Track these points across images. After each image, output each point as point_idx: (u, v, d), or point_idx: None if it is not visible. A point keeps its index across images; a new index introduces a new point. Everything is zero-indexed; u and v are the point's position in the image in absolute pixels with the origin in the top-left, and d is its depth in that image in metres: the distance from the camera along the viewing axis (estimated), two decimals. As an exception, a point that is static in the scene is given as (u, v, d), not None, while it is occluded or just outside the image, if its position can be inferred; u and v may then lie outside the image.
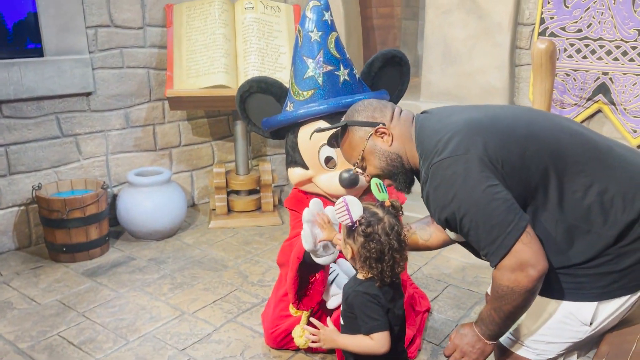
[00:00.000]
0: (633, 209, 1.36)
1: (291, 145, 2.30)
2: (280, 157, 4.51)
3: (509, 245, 1.31)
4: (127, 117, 3.75)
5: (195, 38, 3.61)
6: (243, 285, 3.05)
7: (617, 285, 1.38)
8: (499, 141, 1.40)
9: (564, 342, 1.47)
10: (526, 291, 1.32)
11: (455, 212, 1.37)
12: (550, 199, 1.38)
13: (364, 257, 1.63)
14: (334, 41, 2.22)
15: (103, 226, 3.39)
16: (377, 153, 1.62)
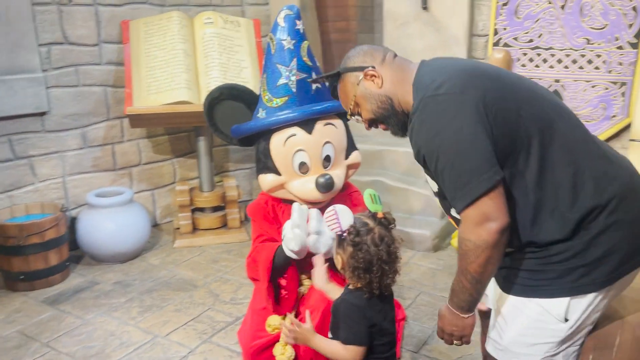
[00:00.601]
0: (601, 197, 1.38)
1: (263, 152, 2.30)
2: (243, 172, 4.47)
3: (477, 194, 1.31)
4: (84, 136, 3.62)
5: (154, 54, 3.55)
6: (215, 305, 2.98)
7: (586, 280, 1.40)
8: (500, 91, 1.40)
9: (545, 342, 1.47)
10: (487, 246, 1.32)
11: (436, 149, 1.36)
12: (529, 167, 1.38)
13: (352, 267, 1.62)
14: (306, 49, 2.24)
15: (63, 251, 3.24)
16: (368, 96, 1.59)
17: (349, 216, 1.77)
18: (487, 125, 1.34)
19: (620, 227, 1.38)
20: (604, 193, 1.38)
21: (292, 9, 2.24)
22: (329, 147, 2.32)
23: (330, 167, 2.35)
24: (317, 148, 2.28)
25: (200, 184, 3.91)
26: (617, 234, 1.38)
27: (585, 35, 3.28)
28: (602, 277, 1.39)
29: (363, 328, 1.61)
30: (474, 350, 2.55)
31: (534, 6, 3.39)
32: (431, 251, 3.59)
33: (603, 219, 1.38)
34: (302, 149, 2.26)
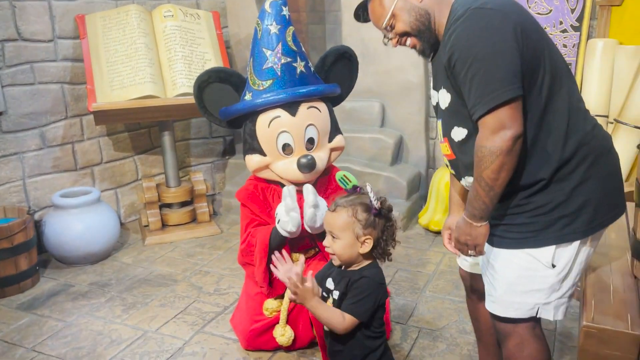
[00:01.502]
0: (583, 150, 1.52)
1: (249, 133, 2.38)
2: (204, 167, 4.44)
3: (499, 101, 1.42)
4: (42, 136, 3.49)
5: (114, 48, 3.46)
6: (200, 297, 2.98)
7: (568, 230, 1.55)
8: (534, 27, 1.52)
9: (536, 289, 1.60)
10: (501, 152, 1.44)
11: (472, 55, 1.44)
12: (536, 105, 1.51)
13: (388, 239, 1.67)
14: (292, 35, 2.31)
15: (32, 255, 3.12)
16: (408, 9, 1.61)
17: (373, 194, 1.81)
18: (520, 46, 1.45)
19: (595, 181, 1.54)
20: (585, 146, 1.54)
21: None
22: (312, 130, 2.40)
23: (314, 149, 2.44)
24: (300, 130, 2.36)
25: (166, 179, 3.87)
26: (592, 188, 1.54)
27: (532, 20, 3.52)
28: (583, 227, 1.55)
29: (371, 306, 1.64)
30: (458, 317, 2.71)
31: (484, -6, 3.60)
32: (400, 231, 3.74)
33: (582, 172, 1.53)
34: (286, 130, 2.34)
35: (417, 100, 3.96)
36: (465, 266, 1.99)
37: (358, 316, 1.63)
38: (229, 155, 4.50)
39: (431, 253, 3.46)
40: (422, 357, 2.41)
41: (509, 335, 1.69)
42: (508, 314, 1.65)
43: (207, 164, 4.46)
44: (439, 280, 3.10)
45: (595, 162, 1.55)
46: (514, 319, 1.65)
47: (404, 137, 4.07)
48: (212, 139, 4.45)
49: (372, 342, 1.69)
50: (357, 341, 1.69)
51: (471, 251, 1.62)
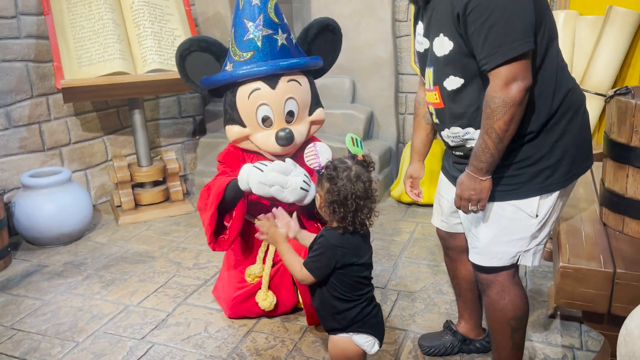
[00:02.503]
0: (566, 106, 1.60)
1: (229, 104, 2.37)
2: (174, 147, 4.41)
3: (517, 53, 1.44)
4: (8, 116, 3.39)
5: (80, 24, 3.39)
6: (180, 271, 2.98)
7: (551, 180, 1.64)
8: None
9: (519, 237, 1.69)
10: (514, 102, 1.48)
11: (492, 3, 1.44)
12: (536, 58, 1.55)
13: (328, 202, 1.66)
14: (274, 7, 2.30)
15: (3, 236, 3.05)
16: None
17: (328, 153, 1.82)
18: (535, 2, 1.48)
19: (572, 135, 1.64)
20: (567, 102, 1.62)
21: None
22: (292, 103, 2.40)
23: (294, 122, 2.45)
24: (279, 103, 2.36)
25: (137, 158, 3.82)
26: (570, 140, 1.63)
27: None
28: (562, 178, 1.65)
29: (324, 265, 1.68)
30: (434, 279, 2.81)
31: (450, -31, 3.68)
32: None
33: (563, 125, 1.62)
34: (265, 103, 2.34)
35: (386, 76, 4.03)
36: (443, 227, 2.07)
37: (310, 271, 1.68)
38: (200, 135, 4.47)
39: (404, 223, 3.55)
40: (403, 317, 2.49)
41: (490, 284, 1.78)
42: (492, 263, 1.73)
43: (177, 144, 4.42)
44: (413, 247, 3.19)
45: (573, 117, 1.63)
46: (496, 267, 1.74)
47: (375, 113, 4.13)
48: (181, 119, 4.42)
49: (340, 304, 1.71)
50: (325, 300, 1.74)
51: (473, 207, 1.65)
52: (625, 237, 1.75)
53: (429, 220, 3.57)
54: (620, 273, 1.54)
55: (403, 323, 2.44)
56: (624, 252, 1.64)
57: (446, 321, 2.26)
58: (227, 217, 2.38)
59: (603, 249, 1.67)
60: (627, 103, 1.66)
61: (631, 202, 1.71)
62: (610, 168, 1.77)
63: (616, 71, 3.02)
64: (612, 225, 1.80)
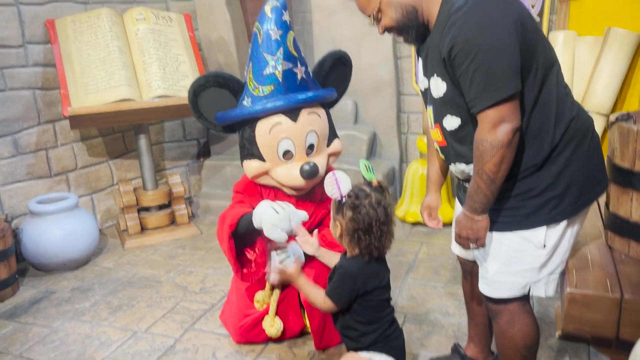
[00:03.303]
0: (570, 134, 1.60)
1: (248, 139, 2.34)
2: (179, 170, 4.44)
3: (502, 96, 1.45)
4: (15, 143, 3.43)
5: (87, 53, 3.44)
6: (186, 296, 2.99)
7: (557, 211, 1.63)
8: (530, 22, 1.55)
9: (527, 268, 1.69)
10: (502, 145, 1.49)
11: (476, 46, 1.44)
12: (529, 96, 1.56)
13: (352, 230, 1.68)
14: (292, 40, 2.30)
15: (12, 263, 3.07)
16: (394, 4, 1.61)
17: (348, 182, 1.84)
18: (521, 41, 1.48)
19: (579, 163, 1.63)
20: (571, 130, 1.61)
21: (279, 0, 2.29)
22: (313, 136, 2.39)
23: (313, 154, 2.45)
24: (301, 136, 2.34)
25: (143, 182, 3.85)
26: (577, 169, 1.62)
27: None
28: (570, 207, 1.64)
29: (348, 294, 1.72)
30: (441, 301, 2.81)
31: (449, -8, 3.73)
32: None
33: (568, 154, 1.61)
34: (287, 136, 2.31)
35: (388, 96, 4.07)
36: (462, 254, 2.05)
37: (334, 301, 1.73)
38: (204, 158, 4.51)
39: (409, 243, 3.56)
40: (411, 340, 2.49)
41: (500, 312, 1.77)
42: (502, 294, 1.72)
43: (182, 166, 4.46)
44: (419, 268, 3.20)
45: (579, 144, 1.62)
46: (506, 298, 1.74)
47: (377, 133, 4.17)
48: (186, 141, 4.46)
49: (363, 327, 1.76)
50: (347, 324, 1.79)
51: (472, 244, 1.66)
52: (631, 261, 1.76)
53: (433, 240, 3.59)
54: (628, 299, 1.55)
55: (411, 347, 2.44)
56: (630, 277, 1.65)
57: (454, 344, 2.26)
58: (249, 249, 2.38)
59: (610, 273, 1.69)
60: (629, 129, 1.68)
61: (636, 226, 1.72)
62: (614, 192, 1.79)
63: (616, 91, 3.05)
64: (618, 248, 1.82)
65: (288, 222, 2.06)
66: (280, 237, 2.07)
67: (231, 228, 2.25)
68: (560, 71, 1.67)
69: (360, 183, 1.79)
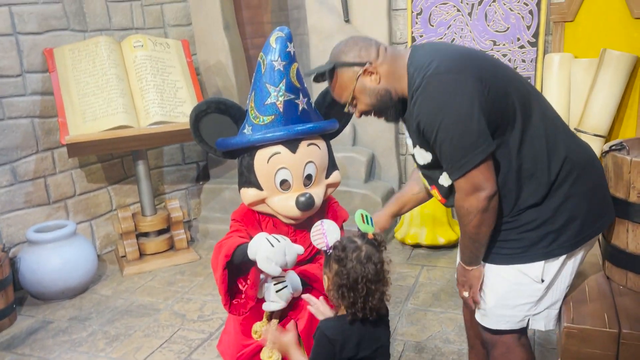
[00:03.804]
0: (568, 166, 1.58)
1: (246, 167, 2.35)
2: (179, 194, 4.44)
3: (470, 166, 1.48)
4: (14, 172, 3.44)
5: (85, 81, 3.46)
6: (184, 324, 2.97)
7: (556, 245, 1.61)
8: (491, 70, 1.55)
9: (524, 302, 1.67)
10: (478, 211, 1.52)
11: (437, 124, 1.48)
12: (513, 138, 1.56)
13: (337, 285, 1.54)
14: (296, 71, 2.30)
15: (9, 293, 3.06)
16: (367, 91, 1.64)
17: (336, 232, 1.72)
18: (482, 101, 1.49)
19: (580, 196, 1.61)
20: (569, 162, 1.60)
21: (283, 30, 2.29)
22: (311, 167, 2.39)
23: (311, 185, 2.45)
24: (299, 167, 2.31)
25: (141, 208, 3.85)
26: (577, 203, 1.60)
27: (492, 37, 3.69)
28: (569, 241, 1.62)
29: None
30: (441, 328, 2.78)
31: (445, 14, 3.75)
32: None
33: (566, 188, 1.59)
34: (285, 167, 2.29)
35: (386, 118, 4.07)
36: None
37: None
38: (204, 181, 4.51)
39: (409, 266, 3.54)
40: (410, 369, 2.46)
41: (495, 344, 1.76)
42: (499, 326, 1.71)
43: (181, 190, 4.46)
44: (419, 292, 3.17)
45: (579, 178, 1.60)
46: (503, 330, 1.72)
47: (376, 155, 4.16)
48: (185, 165, 4.46)
49: None
50: None
51: (466, 292, 1.70)
52: (629, 292, 1.74)
53: (434, 263, 3.57)
54: (626, 333, 1.53)
55: (410, 376, 2.41)
56: (628, 310, 1.63)
57: (454, 374, 2.23)
58: (242, 280, 2.36)
59: (607, 306, 1.66)
60: (622, 159, 1.67)
61: (632, 257, 1.70)
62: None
63: (613, 112, 3.04)
64: (616, 279, 1.80)
65: (283, 256, 2.04)
66: (274, 271, 2.04)
67: (226, 258, 2.24)
68: (543, 101, 1.66)
69: (354, 234, 1.65)
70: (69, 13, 3.64)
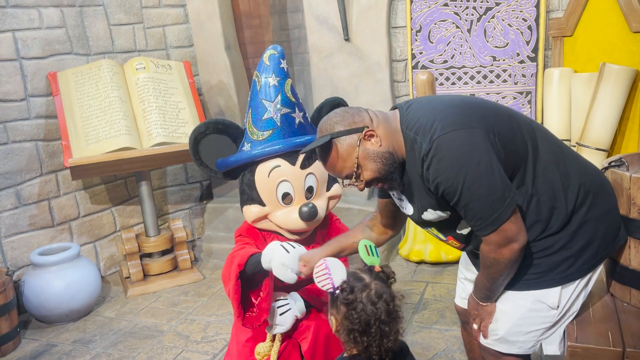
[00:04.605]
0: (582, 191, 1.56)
1: (247, 184, 2.37)
2: (182, 213, 4.45)
3: (503, 220, 1.44)
4: (18, 195, 3.46)
5: (88, 103, 3.50)
6: (188, 346, 2.96)
7: (573, 269, 1.59)
8: (492, 116, 1.52)
9: (537, 328, 1.65)
10: (510, 262, 1.51)
11: (459, 185, 1.42)
12: (527, 174, 1.54)
13: (347, 329, 1.45)
14: (290, 86, 2.35)
15: (13, 317, 3.06)
16: (371, 156, 1.56)
17: (342, 270, 1.61)
18: (497, 150, 1.46)
19: (595, 220, 1.59)
20: (583, 188, 1.58)
21: (276, 48, 2.35)
22: (312, 178, 2.40)
23: (313, 197, 2.46)
24: (300, 179, 2.34)
25: (145, 229, 3.86)
26: (594, 226, 1.59)
27: (491, 53, 3.71)
28: (586, 265, 1.60)
29: None
30: (446, 346, 2.76)
31: (444, 31, 3.78)
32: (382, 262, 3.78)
33: (584, 213, 1.58)
34: (286, 179, 2.32)
35: (388, 134, 4.07)
36: (462, 303, 2.00)
37: None
38: (207, 200, 4.52)
39: (414, 283, 3.51)
40: (415, 389, 2.43)
41: None
42: (510, 351, 1.69)
43: (185, 210, 4.47)
44: (424, 310, 3.14)
45: (594, 202, 1.59)
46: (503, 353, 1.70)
47: (378, 171, 4.16)
48: (188, 185, 4.48)
49: None
50: None
51: (475, 325, 1.70)
52: (633, 309, 1.72)
53: (438, 279, 3.54)
54: (630, 352, 1.51)
55: (415, 397, 2.37)
56: (632, 328, 1.61)
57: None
58: (255, 293, 2.36)
59: (612, 325, 1.64)
60: (622, 176, 1.66)
61: (635, 274, 1.69)
62: (612, 239, 1.75)
63: (615, 126, 3.04)
64: (619, 296, 1.78)
65: (298, 263, 2.04)
66: (290, 278, 2.01)
67: (239, 268, 2.23)
68: (545, 131, 1.65)
69: (360, 269, 1.57)
70: (72, 37, 3.69)
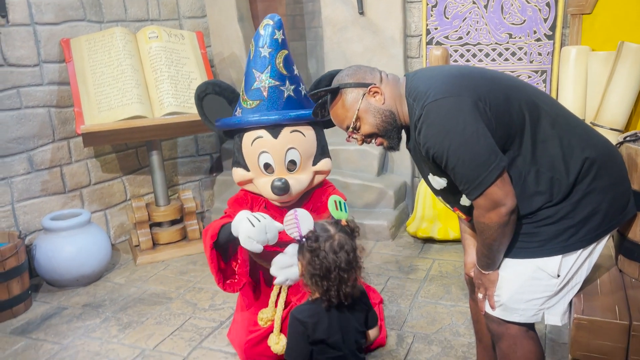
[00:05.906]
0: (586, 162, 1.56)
1: (237, 148, 2.48)
2: (192, 185, 4.47)
3: (487, 184, 1.48)
4: (30, 160, 3.49)
5: (101, 71, 3.50)
6: (196, 313, 3.00)
7: (575, 239, 1.60)
8: (488, 86, 1.57)
9: (539, 297, 1.66)
10: (499, 226, 1.53)
11: (445, 149, 1.50)
12: (524, 145, 1.57)
13: (310, 274, 1.60)
14: (283, 58, 2.35)
15: (24, 279, 3.11)
16: (372, 111, 1.65)
17: (310, 221, 1.74)
18: (486, 118, 1.51)
19: (600, 191, 1.58)
20: (588, 160, 1.57)
21: (273, 18, 2.35)
22: (294, 152, 2.45)
23: (296, 170, 2.48)
24: (280, 152, 2.42)
25: (155, 198, 3.88)
26: (599, 197, 1.58)
27: (508, 30, 3.65)
28: (588, 235, 1.60)
29: (300, 346, 1.62)
30: (451, 320, 2.78)
31: (460, 7, 3.72)
32: (390, 240, 3.81)
33: (587, 183, 1.58)
34: (266, 151, 2.41)
35: (400, 111, 4.05)
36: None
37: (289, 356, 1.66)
38: (217, 172, 4.53)
39: (420, 260, 3.53)
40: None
41: (502, 336, 1.74)
42: (512, 318, 1.70)
43: (194, 181, 4.49)
44: (430, 285, 3.16)
45: (599, 173, 1.58)
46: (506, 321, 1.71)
47: (389, 148, 4.15)
48: (199, 157, 4.49)
49: None
50: None
51: (481, 293, 1.73)
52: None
53: (445, 256, 3.55)
54: (637, 325, 1.51)
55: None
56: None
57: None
58: (234, 261, 2.40)
59: (619, 298, 1.64)
60: (637, 150, 1.65)
61: (645, 250, 1.68)
62: (624, 214, 1.74)
63: (630, 106, 3.00)
64: (628, 272, 1.77)
65: (264, 234, 2.06)
66: (256, 249, 2.07)
67: (212, 238, 2.29)
68: (552, 102, 1.65)
69: (327, 221, 1.71)
70: (85, 4, 3.68)
